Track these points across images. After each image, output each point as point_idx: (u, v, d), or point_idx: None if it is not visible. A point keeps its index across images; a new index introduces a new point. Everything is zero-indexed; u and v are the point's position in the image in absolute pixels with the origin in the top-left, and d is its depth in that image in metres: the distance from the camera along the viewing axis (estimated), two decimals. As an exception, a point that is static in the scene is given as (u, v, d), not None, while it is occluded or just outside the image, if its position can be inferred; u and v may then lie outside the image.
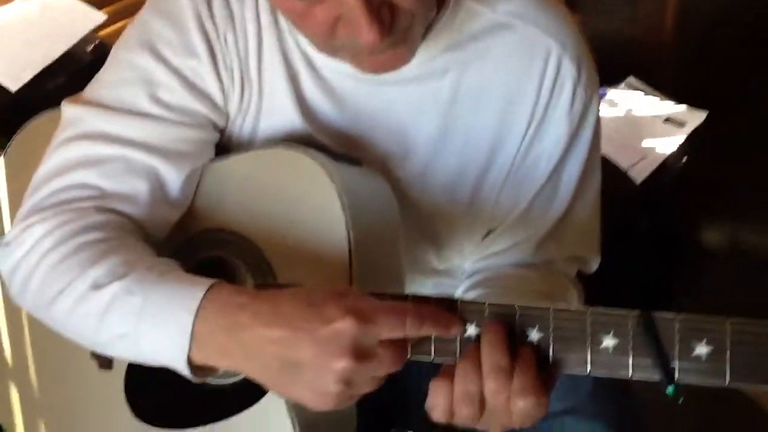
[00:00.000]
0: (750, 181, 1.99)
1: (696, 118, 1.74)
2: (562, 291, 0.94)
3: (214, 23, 0.84)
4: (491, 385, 0.68)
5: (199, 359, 0.71)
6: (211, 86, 0.85)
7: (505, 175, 0.91)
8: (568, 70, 0.87)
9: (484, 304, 0.71)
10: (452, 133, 0.88)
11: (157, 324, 0.71)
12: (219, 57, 0.84)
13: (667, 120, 1.77)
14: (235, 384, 0.84)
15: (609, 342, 0.68)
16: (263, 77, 0.86)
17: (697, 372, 0.65)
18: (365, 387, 0.69)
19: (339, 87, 0.87)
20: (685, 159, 1.70)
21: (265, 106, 0.87)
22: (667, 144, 1.71)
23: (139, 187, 0.83)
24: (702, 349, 0.65)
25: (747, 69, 2.20)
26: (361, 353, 0.66)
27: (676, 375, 0.66)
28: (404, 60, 0.78)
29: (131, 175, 0.82)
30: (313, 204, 0.80)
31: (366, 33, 0.71)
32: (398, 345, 0.69)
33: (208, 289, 0.70)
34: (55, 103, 1.00)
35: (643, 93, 1.83)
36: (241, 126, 0.88)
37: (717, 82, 2.07)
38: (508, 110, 0.88)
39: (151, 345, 0.72)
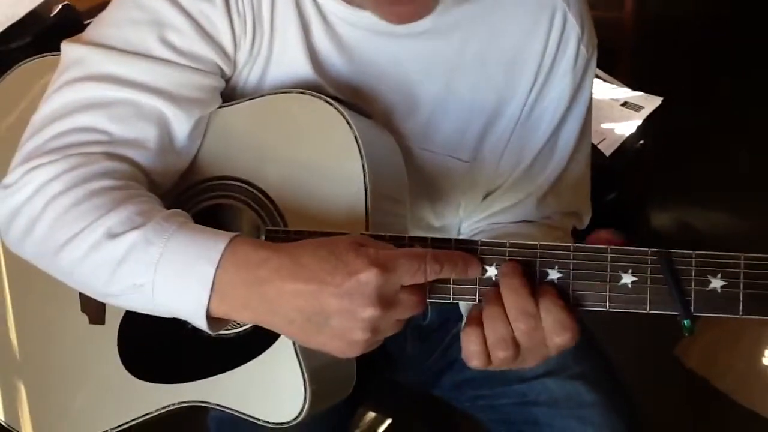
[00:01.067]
0: (700, 165, 2.09)
1: (652, 103, 1.81)
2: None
3: None
4: (522, 327, 0.69)
5: (219, 312, 0.70)
6: (223, 33, 0.84)
7: (509, 133, 0.92)
8: (573, 27, 0.89)
9: (506, 243, 0.73)
10: (457, 91, 0.90)
11: (177, 274, 0.70)
12: (232, 2, 0.83)
13: (625, 104, 1.83)
14: (240, 334, 0.83)
15: (627, 278, 0.70)
16: (275, 25, 0.85)
17: (712, 305, 0.69)
18: (390, 331, 0.70)
19: (349, 39, 0.87)
20: (641, 142, 1.76)
21: (275, 54, 0.86)
22: (625, 127, 1.77)
23: (148, 132, 0.81)
24: (717, 283, 0.69)
25: (701, 57, 2.30)
26: (385, 301, 0.67)
27: (692, 309, 0.69)
28: (426, 10, 0.79)
29: (140, 120, 0.80)
30: (329, 148, 0.80)
31: None
32: (419, 289, 0.70)
33: (229, 242, 0.70)
34: (17, 62, 0.98)
35: (601, 80, 1.90)
36: (249, 73, 0.87)
37: (672, 69, 2.16)
38: (514, 68, 0.89)
39: (168, 295, 0.71)
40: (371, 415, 1.63)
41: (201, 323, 0.71)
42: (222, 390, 0.83)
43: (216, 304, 0.69)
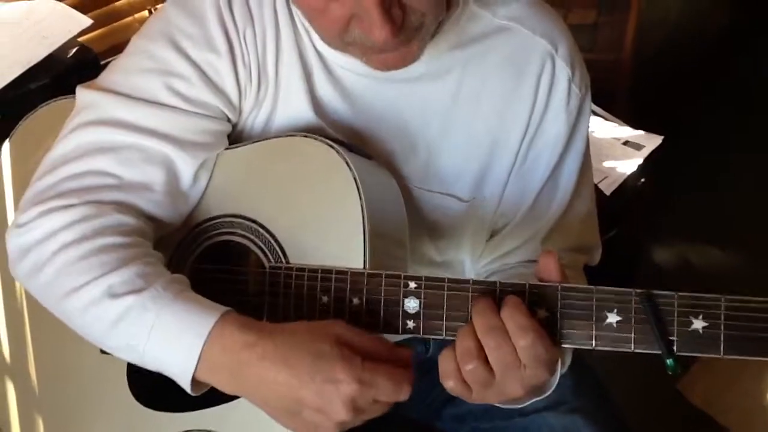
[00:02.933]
0: (701, 203, 2.11)
1: (653, 141, 1.84)
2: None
3: (234, 20, 0.87)
4: (491, 343, 0.72)
5: (203, 379, 0.76)
6: (228, 83, 0.88)
7: (507, 172, 0.95)
8: (562, 69, 0.92)
9: (496, 284, 0.76)
10: (453, 132, 0.93)
11: (167, 343, 0.76)
12: (238, 53, 0.87)
13: (626, 143, 1.86)
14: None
15: (613, 318, 0.73)
16: (280, 74, 0.90)
17: (694, 345, 0.71)
18: (369, 417, 0.75)
19: (350, 85, 0.91)
20: (642, 180, 1.79)
21: (280, 101, 0.91)
22: (626, 165, 1.80)
23: (155, 176, 0.85)
24: (699, 324, 0.71)
25: (701, 96, 2.33)
26: (359, 409, 0.73)
27: (675, 348, 0.72)
28: (413, 57, 0.83)
29: (147, 164, 0.85)
30: (330, 189, 0.83)
31: (378, 31, 0.76)
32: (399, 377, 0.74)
33: (219, 317, 0.75)
34: (37, 104, 1.02)
35: (602, 119, 1.93)
36: (255, 119, 0.92)
37: (672, 109, 2.18)
38: (508, 110, 0.93)
39: (158, 359, 0.77)
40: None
41: (186, 387, 0.77)
42: (228, 419, 0.85)
43: (201, 374, 0.76)
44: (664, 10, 2.35)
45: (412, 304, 0.78)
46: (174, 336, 0.75)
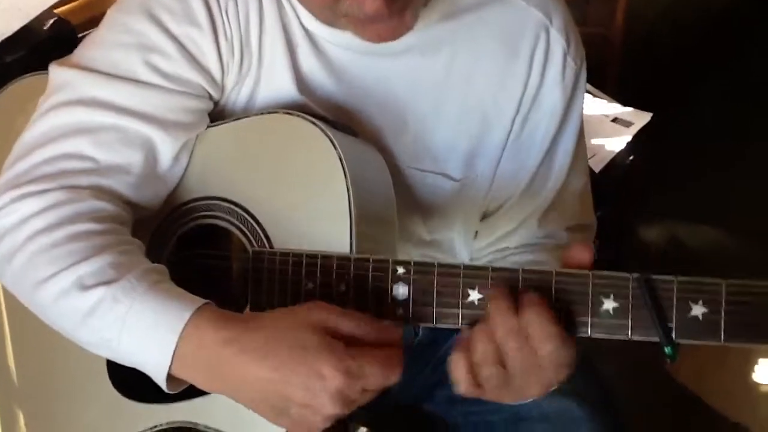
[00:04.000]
0: (689, 181, 2.10)
1: (642, 119, 1.82)
2: None
3: None
4: (512, 344, 0.69)
5: (180, 375, 0.72)
6: (210, 59, 0.84)
7: (500, 150, 0.92)
8: (558, 41, 0.89)
9: (488, 269, 0.73)
10: (444, 109, 0.90)
11: (140, 338, 0.72)
12: (220, 28, 0.84)
13: (615, 120, 1.84)
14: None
15: (609, 305, 0.70)
16: (263, 49, 0.86)
17: (693, 332, 0.68)
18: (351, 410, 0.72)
19: (336, 59, 0.87)
20: (631, 157, 1.77)
21: (263, 76, 0.87)
22: (615, 142, 1.78)
23: (134, 158, 0.81)
24: (698, 310, 0.68)
25: (691, 74, 2.31)
26: (348, 400, 0.69)
27: (674, 335, 0.69)
28: (406, 28, 0.79)
29: (125, 145, 0.81)
30: (313, 168, 0.80)
31: (370, 1, 0.72)
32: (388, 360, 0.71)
33: (194, 311, 0.71)
34: (13, 77, 0.98)
35: (591, 95, 1.90)
36: (237, 96, 0.88)
37: (662, 86, 2.17)
38: (501, 84, 0.90)
39: (131, 356, 0.73)
40: (363, 430, 1.63)
41: (161, 384, 0.73)
42: (211, 411, 0.82)
43: (177, 371, 0.72)
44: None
45: (401, 291, 0.75)
46: (146, 331, 0.71)
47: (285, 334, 0.70)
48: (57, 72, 0.84)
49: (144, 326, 0.71)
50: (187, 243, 0.88)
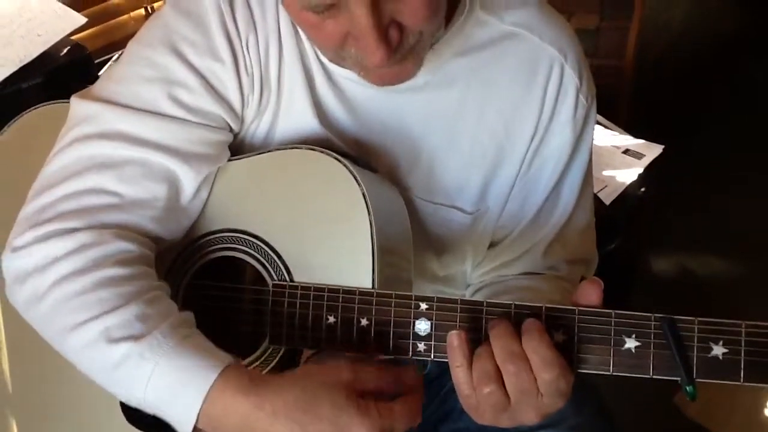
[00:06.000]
0: (700, 213, 2.10)
1: (653, 151, 1.82)
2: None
3: (237, 26, 0.84)
4: (511, 368, 0.70)
5: (204, 429, 0.72)
6: (232, 92, 0.85)
7: (511, 184, 0.93)
8: (571, 78, 0.90)
9: (511, 305, 0.74)
10: (457, 143, 0.91)
11: (165, 396, 0.72)
12: (241, 61, 0.84)
13: (626, 152, 1.85)
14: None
15: (631, 343, 0.71)
16: (282, 81, 0.87)
17: (714, 372, 0.69)
18: None
19: (352, 94, 0.88)
20: (642, 189, 1.77)
21: (282, 109, 0.88)
22: (626, 174, 1.78)
23: (158, 192, 0.82)
24: (719, 350, 0.69)
25: (702, 107, 2.32)
26: None
27: (695, 375, 0.69)
28: (409, 74, 0.80)
29: (149, 179, 0.81)
30: (336, 204, 0.81)
31: (373, 53, 0.73)
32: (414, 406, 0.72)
33: (221, 373, 0.71)
34: (30, 102, 0.98)
35: (602, 127, 1.91)
36: (257, 128, 0.89)
37: (673, 116, 2.17)
38: (514, 119, 0.90)
39: (156, 410, 0.73)
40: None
41: None
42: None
43: (203, 425, 0.71)
44: (667, 16, 2.33)
45: (423, 326, 0.76)
46: (172, 391, 0.71)
47: (316, 394, 0.69)
48: (79, 105, 0.84)
49: (169, 386, 0.71)
50: (206, 275, 0.88)
